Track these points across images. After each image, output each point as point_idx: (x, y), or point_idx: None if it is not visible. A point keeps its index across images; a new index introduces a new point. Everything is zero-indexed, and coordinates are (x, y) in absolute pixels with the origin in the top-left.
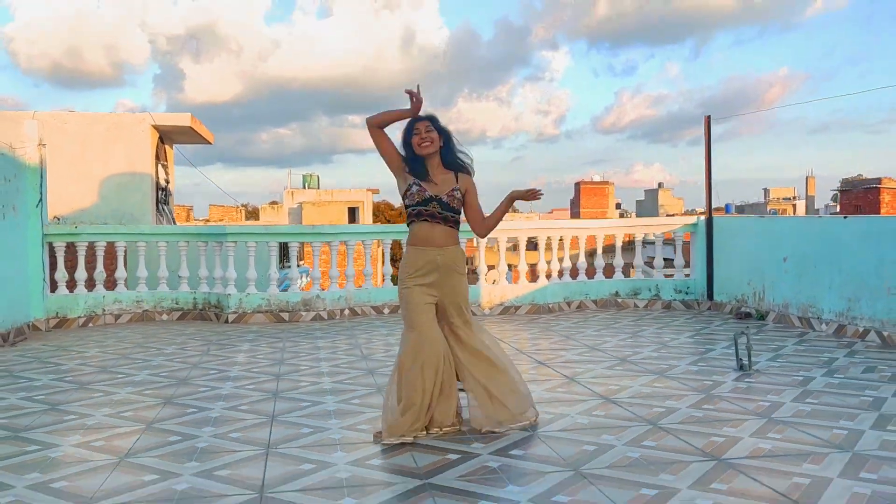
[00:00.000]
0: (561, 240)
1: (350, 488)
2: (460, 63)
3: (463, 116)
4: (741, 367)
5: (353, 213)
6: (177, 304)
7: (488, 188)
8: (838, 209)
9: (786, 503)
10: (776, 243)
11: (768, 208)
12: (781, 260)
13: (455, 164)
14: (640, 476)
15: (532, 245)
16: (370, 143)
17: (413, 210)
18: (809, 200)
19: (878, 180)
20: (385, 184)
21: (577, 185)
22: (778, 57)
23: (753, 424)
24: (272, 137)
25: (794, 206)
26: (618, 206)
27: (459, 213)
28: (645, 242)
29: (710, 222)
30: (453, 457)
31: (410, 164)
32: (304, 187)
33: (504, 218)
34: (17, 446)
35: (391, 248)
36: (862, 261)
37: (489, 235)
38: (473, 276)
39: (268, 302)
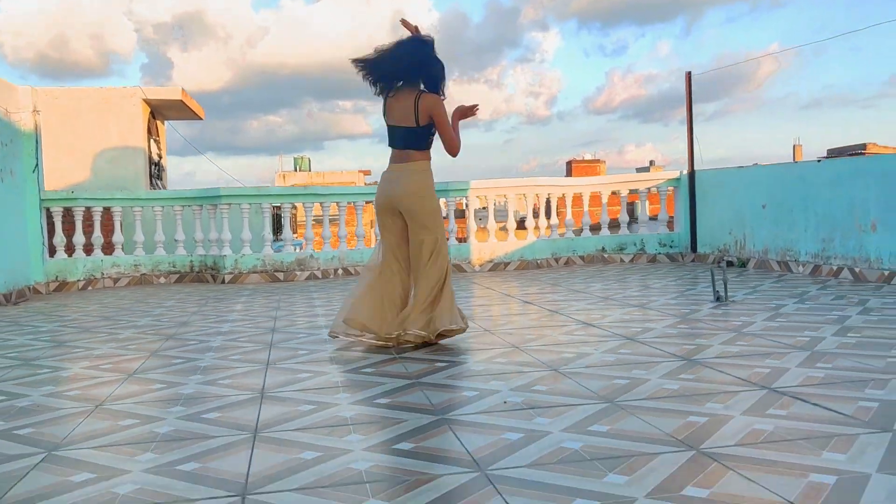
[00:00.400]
0: (549, 198)
1: (356, 426)
2: (450, 46)
3: (454, 100)
4: (718, 299)
5: None
6: (174, 267)
7: (481, 172)
8: None
9: (752, 388)
10: (756, 192)
11: None
12: (761, 207)
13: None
14: (614, 371)
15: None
16: (362, 128)
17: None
18: None
19: (863, 146)
20: (376, 167)
21: (569, 163)
22: (768, 33)
23: (723, 337)
24: (263, 125)
25: None
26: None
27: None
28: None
29: (692, 177)
30: (469, 394)
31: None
32: (296, 170)
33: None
34: (29, 370)
35: None
36: (835, 202)
37: (479, 194)
38: (463, 232)
39: (263, 262)
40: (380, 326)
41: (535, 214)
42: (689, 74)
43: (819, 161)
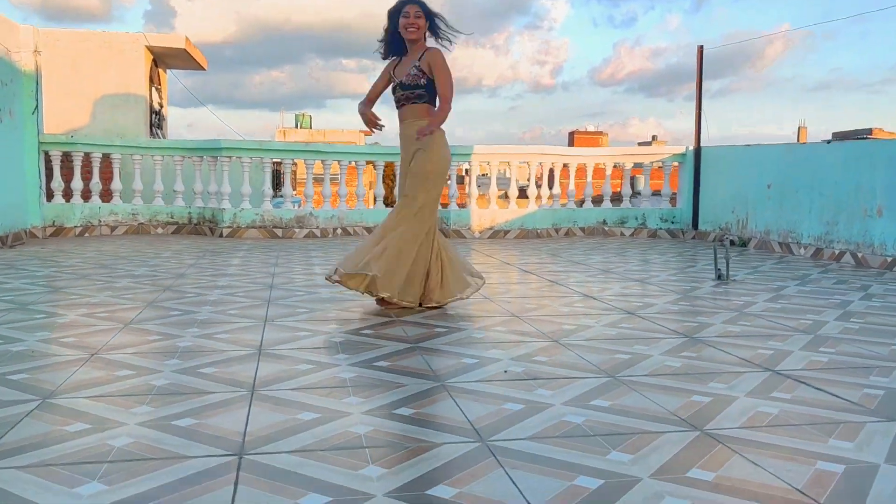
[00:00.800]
0: (552, 168)
1: (355, 388)
2: (458, 9)
3: (459, 64)
4: (719, 277)
5: None
6: (172, 217)
7: (483, 137)
8: None
9: (755, 369)
10: (761, 171)
11: None
12: (765, 187)
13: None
14: (617, 345)
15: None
16: (365, 88)
17: (396, 102)
18: None
19: (869, 130)
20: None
21: (571, 134)
22: (779, 13)
23: (725, 316)
24: (265, 80)
25: None
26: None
27: (423, 86)
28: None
29: (698, 153)
30: (469, 361)
31: (391, 44)
32: (297, 127)
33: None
34: (24, 315)
35: (384, 170)
36: (841, 185)
37: (482, 160)
38: (464, 198)
39: (261, 218)
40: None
41: (538, 184)
42: (700, 49)
43: (828, 143)
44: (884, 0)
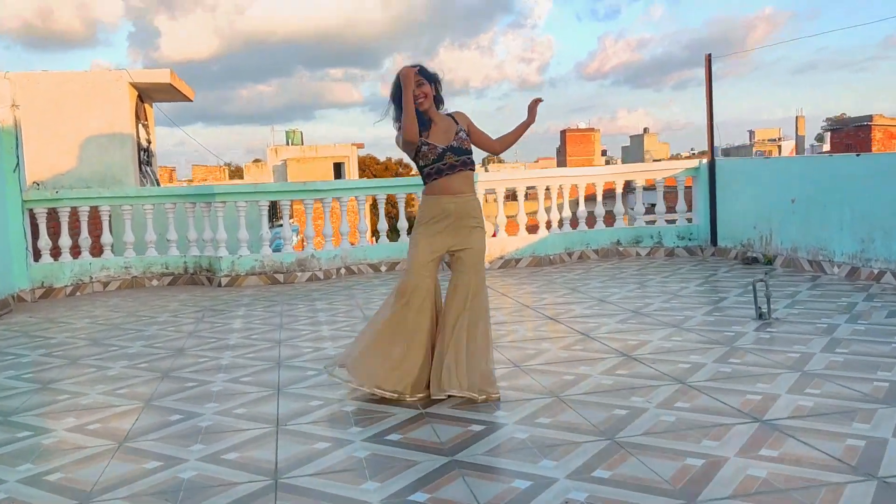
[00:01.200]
0: (560, 188)
1: (371, 469)
2: (442, 11)
3: (445, 66)
4: (760, 316)
5: (338, 169)
6: (167, 268)
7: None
8: (825, 148)
9: (845, 469)
10: (784, 185)
11: (754, 150)
12: (789, 202)
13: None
14: (681, 444)
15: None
16: (353, 97)
17: (432, 169)
18: (799, 140)
19: (870, 117)
20: (370, 137)
21: (563, 133)
22: None
23: (788, 379)
24: (252, 94)
25: (780, 146)
26: (603, 152)
27: (472, 152)
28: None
29: (712, 166)
30: (477, 428)
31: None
32: (288, 144)
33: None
34: (7, 432)
35: (385, 204)
36: (876, 200)
37: (488, 188)
38: None
39: (261, 263)
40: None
41: (547, 208)
42: (708, 57)
43: (858, 155)
44: None
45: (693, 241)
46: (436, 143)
